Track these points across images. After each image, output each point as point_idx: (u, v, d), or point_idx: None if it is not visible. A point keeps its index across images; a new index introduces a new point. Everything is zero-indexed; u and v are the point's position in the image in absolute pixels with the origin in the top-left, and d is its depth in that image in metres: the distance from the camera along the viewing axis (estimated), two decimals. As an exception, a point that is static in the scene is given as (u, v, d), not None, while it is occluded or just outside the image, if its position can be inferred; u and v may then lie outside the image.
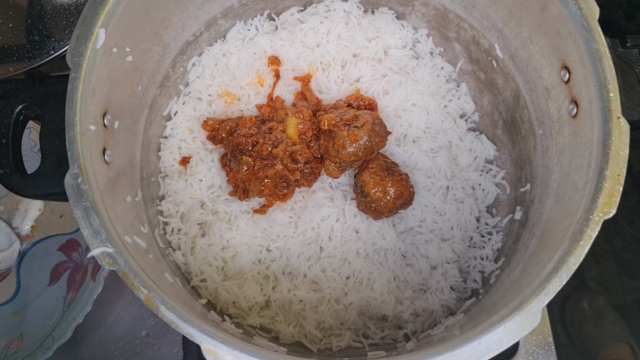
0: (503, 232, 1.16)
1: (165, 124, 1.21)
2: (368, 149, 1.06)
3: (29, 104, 0.95)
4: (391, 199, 1.06)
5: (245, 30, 1.26)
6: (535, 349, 1.20)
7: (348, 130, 1.06)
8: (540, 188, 1.05)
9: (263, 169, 1.08)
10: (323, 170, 1.15)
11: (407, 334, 1.08)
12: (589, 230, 0.79)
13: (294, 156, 1.09)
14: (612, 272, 2.32)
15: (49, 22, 1.30)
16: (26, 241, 1.34)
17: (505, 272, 1.04)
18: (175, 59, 1.18)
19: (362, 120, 1.07)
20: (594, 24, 0.86)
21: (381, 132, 1.08)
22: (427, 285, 1.13)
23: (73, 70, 0.86)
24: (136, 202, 1.03)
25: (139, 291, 0.79)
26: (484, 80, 1.23)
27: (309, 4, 1.27)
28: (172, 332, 1.28)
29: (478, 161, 1.22)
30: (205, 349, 0.76)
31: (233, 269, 1.11)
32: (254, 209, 1.15)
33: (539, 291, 0.78)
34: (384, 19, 1.25)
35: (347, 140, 1.05)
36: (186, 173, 1.17)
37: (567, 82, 0.93)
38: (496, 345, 0.76)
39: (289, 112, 1.14)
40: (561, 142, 0.97)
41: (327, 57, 1.23)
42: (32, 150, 1.32)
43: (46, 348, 1.13)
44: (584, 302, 2.24)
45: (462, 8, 1.16)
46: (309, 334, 1.07)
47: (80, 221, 0.80)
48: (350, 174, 1.18)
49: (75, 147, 0.83)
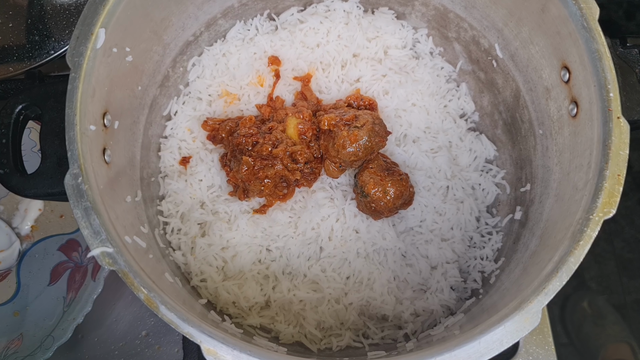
0: (503, 232, 1.16)
1: (165, 124, 1.21)
2: (368, 149, 1.06)
3: (29, 104, 0.95)
4: (391, 199, 1.06)
5: (245, 30, 1.26)
6: (535, 349, 1.20)
7: (348, 130, 1.06)
8: (540, 188, 1.05)
9: (263, 169, 1.08)
10: (323, 170, 1.15)
11: (407, 334, 1.08)
12: (589, 230, 0.79)
13: (294, 156, 1.09)
14: (612, 272, 2.32)
15: (49, 22, 1.30)
16: (26, 241, 1.34)
17: (505, 272, 1.04)
18: (175, 59, 1.18)
19: (362, 120, 1.07)
20: (594, 24, 0.86)
21: (381, 132, 1.08)
22: (427, 285, 1.13)
23: (73, 70, 0.86)
24: (136, 202, 1.03)
25: (139, 291, 0.79)
26: (484, 80, 1.23)
27: (309, 4, 1.27)
28: (172, 332, 1.28)
29: (478, 161, 1.22)
30: (205, 349, 0.76)
31: (233, 269, 1.11)
32: (254, 209, 1.15)
33: (539, 291, 0.78)
34: (384, 19, 1.25)
35: (347, 140, 1.05)
36: (186, 173, 1.17)
37: (567, 82, 0.93)
38: (496, 345, 0.76)
39: (289, 112, 1.14)
40: (561, 142, 0.97)
41: (327, 57, 1.23)
42: (32, 150, 1.32)
43: (46, 348, 1.13)
44: (584, 302, 2.24)
45: (462, 8, 1.16)
46: (309, 334, 1.07)
47: (80, 221, 0.80)
48: (350, 174, 1.18)
49: (75, 147, 0.83)
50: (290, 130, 1.12)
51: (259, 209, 1.14)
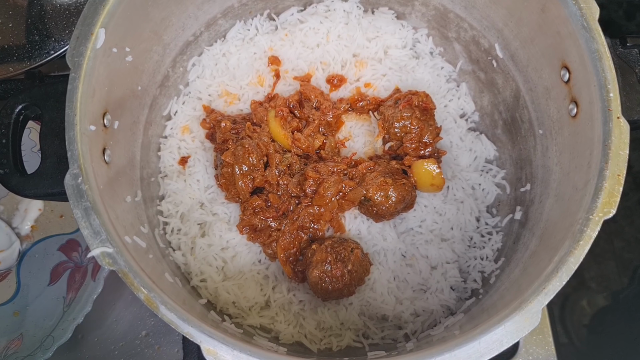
0: (503, 232, 1.15)
1: (165, 123, 1.21)
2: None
3: (29, 104, 0.95)
4: (393, 203, 1.06)
5: (245, 30, 1.26)
6: (535, 349, 1.19)
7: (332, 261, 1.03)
8: (540, 188, 1.04)
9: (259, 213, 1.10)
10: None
11: (407, 334, 1.08)
12: (589, 230, 0.79)
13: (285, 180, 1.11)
14: (612, 272, 2.32)
15: (49, 22, 1.30)
16: (26, 241, 1.34)
17: (505, 272, 1.04)
18: (175, 59, 1.18)
19: (350, 246, 1.06)
20: (594, 24, 0.86)
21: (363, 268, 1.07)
22: (427, 285, 1.12)
23: (73, 70, 0.86)
24: (136, 202, 1.03)
25: (139, 291, 0.79)
26: (484, 80, 1.23)
27: (309, 4, 1.27)
28: (172, 332, 1.28)
29: (478, 161, 1.22)
30: (205, 349, 0.76)
31: (233, 269, 1.11)
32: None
33: (539, 291, 0.78)
34: (384, 19, 1.25)
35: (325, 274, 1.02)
36: (184, 173, 1.17)
37: (567, 82, 0.93)
38: (496, 345, 0.76)
39: (267, 108, 1.16)
40: (561, 142, 0.97)
41: (327, 57, 1.23)
42: (32, 150, 1.32)
43: (46, 348, 1.13)
44: (583, 302, 2.24)
45: (462, 8, 1.16)
46: (309, 334, 1.07)
47: (80, 221, 0.80)
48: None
49: (75, 147, 0.83)
50: (272, 123, 1.12)
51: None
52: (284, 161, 1.13)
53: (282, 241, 1.08)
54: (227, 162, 1.09)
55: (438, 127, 1.15)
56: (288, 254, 1.08)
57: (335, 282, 1.01)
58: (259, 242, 1.11)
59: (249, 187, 1.09)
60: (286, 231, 1.08)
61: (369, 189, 1.06)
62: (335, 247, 1.04)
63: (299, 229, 1.09)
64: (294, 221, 1.09)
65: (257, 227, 1.10)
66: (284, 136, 1.12)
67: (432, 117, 1.14)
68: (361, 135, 1.21)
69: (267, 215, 1.10)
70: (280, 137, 1.13)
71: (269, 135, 1.14)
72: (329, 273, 1.01)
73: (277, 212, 1.10)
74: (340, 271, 1.01)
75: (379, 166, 1.11)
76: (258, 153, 1.09)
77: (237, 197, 1.11)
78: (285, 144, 1.13)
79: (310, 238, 1.10)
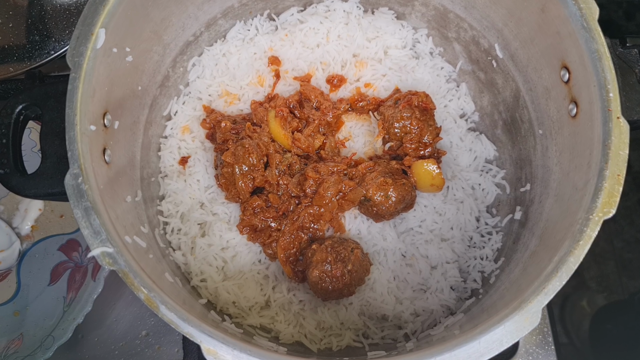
0: (503, 232, 1.16)
1: (165, 123, 1.21)
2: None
3: (29, 104, 0.95)
4: (393, 203, 1.06)
5: (245, 30, 1.26)
6: (535, 349, 1.20)
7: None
8: (540, 188, 1.05)
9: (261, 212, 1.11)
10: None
11: (407, 333, 1.08)
12: (589, 230, 0.79)
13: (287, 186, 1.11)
14: (612, 272, 2.32)
15: (49, 22, 1.30)
16: (26, 241, 1.34)
17: (505, 272, 1.04)
18: (175, 59, 1.18)
19: (350, 246, 1.06)
20: (593, 24, 0.86)
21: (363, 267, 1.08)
22: (427, 285, 1.12)
23: (73, 70, 0.86)
24: (136, 202, 1.03)
25: (139, 291, 0.79)
26: (484, 80, 1.23)
27: (309, 4, 1.27)
28: (172, 332, 1.28)
29: (478, 161, 1.22)
30: (205, 349, 0.76)
31: (233, 269, 1.11)
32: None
33: (539, 291, 0.78)
34: (384, 19, 1.26)
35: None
36: (185, 173, 1.17)
37: (567, 82, 0.93)
38: (496, 345, 0.76)
39: (267, 108, 1.16)
40: (561, 142, 0.97)
41: (327, 57, 1.23)
42: (32, 150, 1.32)
43: (46, 348, 1.13)
44: (583, 302, 2.24)
45: (462, 8, 1.16)
46: (309, 334, 1.07)
47: (80, 221, 0.80)
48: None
49: (75, 147, 0.83)
50: (272, 123, 1.12)
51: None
52: (284, 161, 1.13)
53: (282, 241, 1.08)
54: (227, 162, 1.09)
55: (438, 127, 1.15)
56: (288, 254, 1.08)
57: (335, 282, 1.01)
58: (259, 242, 1.11)
59: (249, 187, 1.09)
60: (286, 231, 1.08)
61: (368, 189, 1.06)
62: (335, 247, 1.04)
63: (299, 229, 1.09)
64: (294, 221, 1.09)
65: (257, 227, 1.11)
66: (284, 136, 1.12)
67: (432, 117, 1.14)
68: (361, 136, 1.21)
69: (267, 216, 1.10)
70: (280, 137, 1.13)
71: (269, 136, 1.14)
72: (329, 273, 1.01)
73: (277, 212, 1.10)
74: (340, 271, 1.01)
75: (378, 166, 1.11)
76: (258, 153, 1.09)
77: (237, 197, 1.11)
78: (285, 144, 1.13)
79: (310, 238, 1.10)
